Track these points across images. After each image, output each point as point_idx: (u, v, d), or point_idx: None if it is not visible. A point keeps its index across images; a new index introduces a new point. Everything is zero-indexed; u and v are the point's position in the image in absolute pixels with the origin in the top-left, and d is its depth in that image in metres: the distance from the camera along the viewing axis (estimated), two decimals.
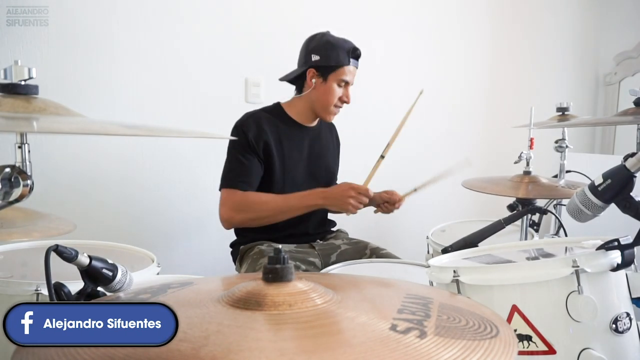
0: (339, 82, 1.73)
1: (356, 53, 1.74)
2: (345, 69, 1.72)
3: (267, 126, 1.72)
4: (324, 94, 1.74)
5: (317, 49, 1.73)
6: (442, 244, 1.65)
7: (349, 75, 1.73)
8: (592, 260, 1.00)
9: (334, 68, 1.71)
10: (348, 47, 1.72)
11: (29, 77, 0.85)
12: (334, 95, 1.74)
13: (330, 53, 1.71)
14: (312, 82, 1.73)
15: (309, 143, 1.82)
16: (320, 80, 1.73)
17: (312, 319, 0.63)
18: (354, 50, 1.73)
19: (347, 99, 1.76)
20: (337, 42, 1.73)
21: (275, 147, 1.72)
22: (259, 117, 1.74)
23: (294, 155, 1.77)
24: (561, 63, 3.45)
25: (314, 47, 1.73)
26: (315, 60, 1.72)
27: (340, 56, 1.71)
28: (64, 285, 0.80)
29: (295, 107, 1.80)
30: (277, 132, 1.74)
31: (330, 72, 1.72)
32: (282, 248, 0.71)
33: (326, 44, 1.72)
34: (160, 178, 2.21)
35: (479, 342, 0.59)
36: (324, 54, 1.71)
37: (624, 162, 1.04)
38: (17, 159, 0.80)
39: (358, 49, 1.74)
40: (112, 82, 2.08)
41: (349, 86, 1.76)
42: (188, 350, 0.55)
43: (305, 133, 1.81)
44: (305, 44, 1.77)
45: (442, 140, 2.95)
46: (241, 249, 1.79)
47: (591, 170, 1.59)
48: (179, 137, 2.19)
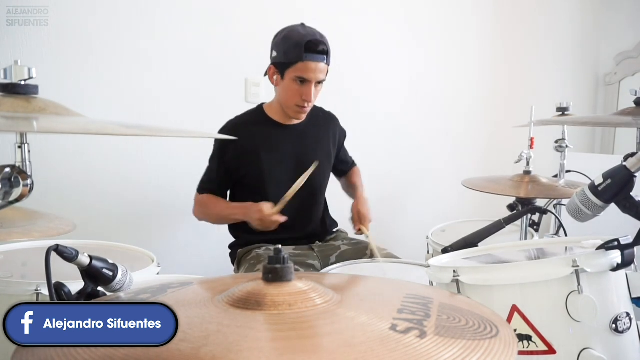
0: (295, 79, 1.62)
1: (315, 48, 1.59)
2: (300, 66, 1.59)
3: (243, 133, 1.67)
4: (282, 92, 1.68)
5: (276, 45, 1.66)
6: (442, 244, 1.65)
7: (306, 72, 1.60)
8: (592, 260, 1.00)
9: (289, 65, 1.61)
10: (304, 41, 1.58)
11: (29, 77, 0.85)
12: (291, 94, 1.64)
13: (286, 48, 1.61)
14: (274, 79, 1.69)
15: (292, 142, 1.78)
16: (279, 78, 1.66)
17: (312, 319, 0.63)
18: (309, 44, 1.58)
19: (307, 98, 1.63)
20: (294, 36, 1.61)
21: (251, 151, 1.72)
22: (235, 125, 1.74)
23: (275, 156, 1.75)
24: (561, 63, 3.45)
25: (274, 43, 1.67)
26: (274, 57, 1.66)
27: (294, 51, 1.59)
28: (64, 285, 0.80)
29: (274, 107, 1.78)
30: (253, 137, 1.72)
31: (285, 69, 1.62)
32: (281, 248, 0.71)
33: (283, 38, 1.63)
34: (160, 178, 2.21)
35: (479, 342, 0.59)
36: (281, 50, 1.63)
37: (624, 162, 1.04)
38: (17, 159, 0.80)
39: (319, 44, 1.59)
40: (112, 82, 2.08)
41: (311, 83, 1.62)
42: (188, 350, 0.55)
43: (287, 132, 1.77)
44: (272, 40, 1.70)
45: (442, 140, 2.95)
46: (239, 253, 1.79)
47: (591, 170, 1.59)
48: (179, 137, 2.19)
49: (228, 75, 2.30)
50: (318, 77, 1.63)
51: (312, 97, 1.65)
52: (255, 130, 1.74)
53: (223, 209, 1.77)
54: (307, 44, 1.59)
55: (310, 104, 1.69)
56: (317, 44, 1.60)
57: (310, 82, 1.63)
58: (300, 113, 1.71)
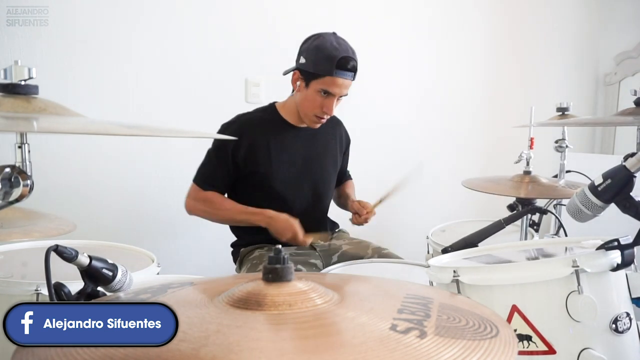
0: (320, 91, 1.62)
1: (345, 65, 1.58)
2: (328, 80, 1.59)
3: (254, 129, 1.70)
4: (304, 99, 1.67)
5: (306, 52, 1.64)
6: (442, 244, 1.65)
7: (332, 86, 1.60)
8: (592, 260, 1.00)
9: (316, 76, 1.60)
10: (337, 57, 1.57)
11: (29, 77, 0.84)
12: (312, 104, 1.65)
13: (316, 59, 1.60)
14: (297, 84, 1.68)
15: (303, 144, 1.79)
16: (303, 85, 1.65)
17: (312, 319, 0.63)
18: (341, 60, 1.57)
19: (328, 111, 1.65)
20: (327, 49, 1.59)
21: (261, 149, 1.71)
22: (246, 120, 1.73)
23: (283, 156, 1.75)
24: (561, 63, 3.45)
25: (304, 49, 1.66)
26: (302, 63, 1.64)
27: (325, 65, 1.58)
28: (64, 285, 0.80)
29: (288, 108, 1.77)
30: (266, 134, 1.72)
31: (312, 79, 1.62)
32: (281, 248, 0.71)
33: (315, 48, 1.61)
34: (160, 178, 2.21)
35: (479, 342, 0.59)
36: (310, 59, 1.61)
37: (624, 162, 1.04)
38: (17, 159, 0.80)
39: (350, 61, 1.59)
40: (112, 82, 2.08)
41: (334, 98, 1.63)
42: (188, 350, 0.55)
43: (297, 134, 1.78)
44: (301, 44, 1.69)
45: (442, 140, 2.95)
46: (241, 252, 1.79)
47: (591, 170, 1.59)
48: (179, 137, 2.19)
49: (228, 75, 2.30)
50: (343, 92, 1.65)
51: (332, 110, 1.66)
52: (268, 128, 1.74)
53: (235, 212, 1.72)
54: (340, 61, 1.58)
55: (329, 115, 1.69)
56: (348, 61, 1.59)
57: (334, 96, 1.63)
58: (317, 123, 1.72)
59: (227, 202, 1.76)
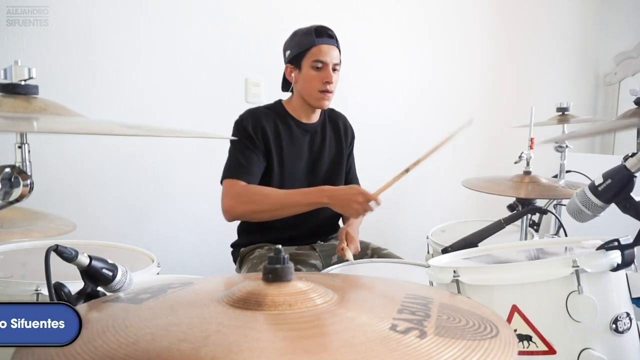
0: (312, 65, 1.66)
1: (324, 32, 1.68)
2: (315, 50, 1.66)
3: (266, 122, 1.71)
4: (303, 82, 1.70)
5: (287, 45, 1.74)
6: (442, 244, 1.65)
7: (321, 54, 1.66)
8: (592, 260, 1.00)
9: (303, 54, 1.67)
10: (312, 28, 1.68)
11: (29, 77, 0.84)
12: (311, 80, 1.68)
13: (296, 41, 1.70)
14: (292, 76, 1.73)
15: (309, 140, 1.81)
16: (297, 72, 1.71)
17: (312, 319, 0.63)
18: (318, 29, 1.67)
19: (329, 79, 1.66)
20: (301, 29, 1.71)
21: (273, 143, 1.72)
22: (259, 113, 1.74)
23: (293, 151, 1.76)
24: (561, 63, 3.45)
25: (285, 44, 1.75)
26: (288, 55, 1.73)
27: (305, 39, 1.67)
28: (64, 285, 0.80)
29: (293, 104, 1.79)
30: (276, 129, 1.73)
31: (301, 59, 1.68)
32: (281, 248, 0.71)
33: (292, 35, 1.73)
34: (161, 178, 2.21)
35: (479, 342, 0.59)
36: (292, 45, 1.71)
37: (624, 162, 1.04)
38: (17, 159, 0.80)
39: (327, 29, 1.69)
40: (112, 82, 2.08)
41: (329, 66, 1.67)
42: (188, 350, 0.55)
43: (305, 130, 1.79)
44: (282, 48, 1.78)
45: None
46: (241, 252, 1.79)
47: (591, 170, 1.59)
48: (179, 137, 2.19)
49: (228, 75, 2.31)
50: (333, 59, 1.68)
51: (332, 79, 1.67)
52: (278, 122, 1.75)
53: (283, 196, 1.59)
54: (317, 30, 1.68)
55: (332, 88, 1.70)
56: (325, 29, 1.69)
57: (327, 65, 1.67)
58: (324, 99, 1.70)
59: (270, 189, 1.65)
